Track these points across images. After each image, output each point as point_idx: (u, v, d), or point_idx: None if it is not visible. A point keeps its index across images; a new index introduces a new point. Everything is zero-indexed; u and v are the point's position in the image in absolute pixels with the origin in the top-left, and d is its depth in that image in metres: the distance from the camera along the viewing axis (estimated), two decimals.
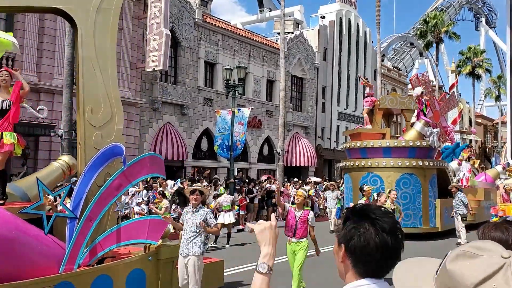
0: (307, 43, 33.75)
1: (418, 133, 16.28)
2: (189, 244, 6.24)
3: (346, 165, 17.03)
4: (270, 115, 30.28)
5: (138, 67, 21.58)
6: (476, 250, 1.10)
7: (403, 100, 17.67)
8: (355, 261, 1.50)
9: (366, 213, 1.53)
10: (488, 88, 60.39)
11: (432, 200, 15.87)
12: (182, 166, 24.19)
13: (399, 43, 64.83)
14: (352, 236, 1.50)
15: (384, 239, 1.47)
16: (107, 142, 6.18)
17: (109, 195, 5.89)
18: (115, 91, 6.48)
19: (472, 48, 50.07)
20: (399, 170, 15.45)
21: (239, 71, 19.15)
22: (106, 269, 5.86)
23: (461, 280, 1.06)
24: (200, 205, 6.43)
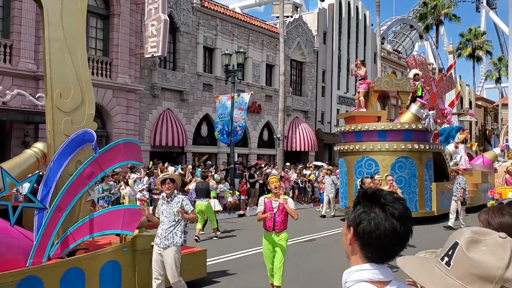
0: (306, 27, 33.51)
1: (414, 115, 15.98)
2: (169, 235, 5.92)
3: (340, 149, 16.75)
4: (269, 100, 30.21)
5: (136, 53, 21.46)
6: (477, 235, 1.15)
7: (398, 82, 17.31)
8: (363, 245, 1.51)
9: (377, 198, 1.53)
10: (489, 70, 60.15)
11: (428, 183, 15.64)
12: (183, 152, 24.23)
13: (399, 25, 64.36)
14: (362, 220, 1.51)
15: (394, 225, 1.47)
16: (78, 128, 5.83)
17: (80, 184, 5.61)
18: (86, 74, 6.12)
19: (473, 30, 49.76)
20: (394, 153, 15.21)
21: (238, 56, 19.06)
22: (77, 262, 5.56)
23: (490, 265, 1.09)
24: (175, 193, 6.15)
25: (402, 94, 17.07)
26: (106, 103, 20.14)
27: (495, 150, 24.00)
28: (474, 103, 56.06)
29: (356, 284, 1.48)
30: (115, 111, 20.48)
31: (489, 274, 1.08)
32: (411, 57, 19.55)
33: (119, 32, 20.70)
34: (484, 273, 1.09)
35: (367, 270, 1.48)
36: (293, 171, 21.88)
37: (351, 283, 1.49)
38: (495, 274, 1.08)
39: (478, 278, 1.10)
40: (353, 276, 1.50)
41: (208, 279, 7.71)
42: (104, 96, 20.03)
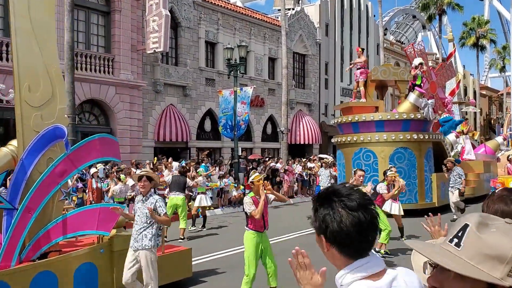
0: (308, 19, 33.35)
1: (412, 105, 15.56)
2: (139, 236, 5.56)
3: (338, 141, 16.35)
4: (272, 93, 30.15)
5: (138, 49, 21.45)
6: (486, 219, 1.16)
7: (396, 71, 16.78)
8: (339, 247, 1.50)
9: (331, 196, 1.53)
10: (493, 59, 59.76)
11: (428, 174, 15.30)
12: (186, 147, 24.26)
13: (401, 16, 63.96)
14: (327, 224, 1.50)
15: (357, 216, 1.47)
16: (48, 124, 5.51)
17: (51, 183, 5.32)
18: (56, 67, 5.82)
19: (476, 19, 49.43)
20: (393, 144, 14.84)
21: (240, 50, 19.01)
22: (49, 265, 5.27)
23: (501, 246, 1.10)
24: (151, 192, 5.77)
25: (400, 84, 16.69)
26: (109, 100, 20.17)
27: (498, 139, 23.61)
28: (479, 92, 55.76)
29: (352, 285, 1.46)
30: (118, 108, 20.51)
31: (501, 255, 1.09)
32: (410, 46, 19.13)
33: (121, 29, 20.68)
34: (496, 254, 1.10)
35: (358, 268, 1.47)
36: (297, 164, 21.87)
37: (346, 286, 1.48)
38: (507, 255, 1.09)
39: (490, 258, 1.10)
40: (346, 278, 1.48)
41: (194, 279, 7.46)
42: (107, 93, 20.06)
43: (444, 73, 20.22)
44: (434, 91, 19.16)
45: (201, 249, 9.88)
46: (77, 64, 18.27)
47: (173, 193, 11.48)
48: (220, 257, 9.38)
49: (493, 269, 1.09)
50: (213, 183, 16.96)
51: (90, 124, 20.33)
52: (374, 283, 1.44)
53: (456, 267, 1.14)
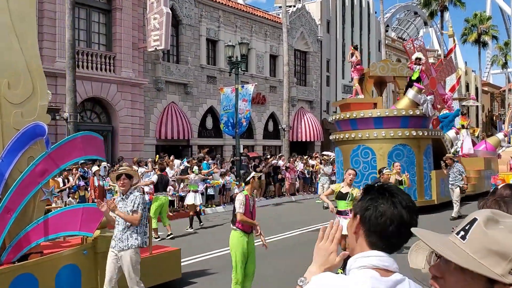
0: (309, 16, 33.28)
1: (411, 101, 15.39)
2: (124, 236, 5.34)
3: (336, 138, 16.18)
4: (274, 90, 30.12)
5: (140, 47, 21.44)
6: (497, 216, 1.15)
7: (394, 66, 16.57)
8: (369, 231, 1.52)
9: (386, 189, 1.57)
10: (495, 55, 59.60)
11: (427, 171, 15.12)
12: (188, 145, 24.27)
13: (403, 12, 63.80)
14: (368, 206, 1.53)
15: (400, 211, 1.50)
16: (29, 122, 5.32)
17: (32, 182, 5.14)
18: (37, 62, 5.60)
19: (478, 15, 49.27)
20: (392, 141, 14.64)
21: (242, 47, 18.99)
22: (29, 267, 5.08)
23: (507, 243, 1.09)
24: (131, 190, 5.55)
25: (399, 79, 16.45)
26: (111, 98, 20.18)
27: (498, 136, 23.31)
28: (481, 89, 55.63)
29: (361, 270, 1.47)
30: (120, 106, 20.52)
31: (505, 251, 1.09)
32: (409, 41, 18.94)
33: (122, 26, 20.67)
34: (500, 250, 1.09)
35: (373, 257, 1.48)
36: (299, 162, 21.87)
37: (355, 269, 1.49)
38: (510, 252, 1.08)
39: (493, 253, 1.10)
40: (357, 262, 1.49)
41: (184, 280, 7.28)
42: (108, 91, 20.06)
43: (444, 69, 20.05)
44: (434, 87, 18.92)
45: (194, 248, 9.70)
46: (78, 62, 18.27)
47: (160, 193, 11.57)
48: (212, 257, 9.17)
49: (495, 265, 1.09)
50: (215, 181, 16.98)
51: (92, 122, 20.35)
52: (380, 277, 1.44)
53: (457, 258, 1.13)
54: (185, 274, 7.51)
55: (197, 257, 9.05)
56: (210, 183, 16.71)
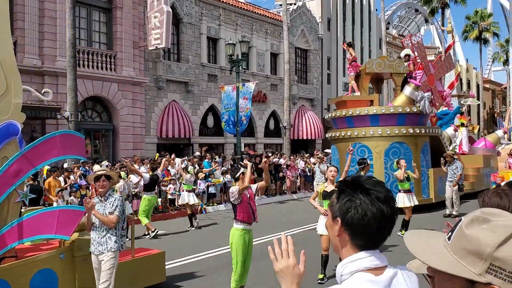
0: (310, 14, 33.24)
1: (408, 98, 15.09)
2: (103, 239, 5.19)
3: (332, 136, 15.97)
4: (275, 88, 30.11)
5: (140, 45, 21.43)
6: (487, 215, 1.13)
7: (391, 63, 16.15)
8: (353, 234, 1.48)
9: (359, 183, 1.51)
10: (496, 52, 59.50)
11: (425, 169, 14.86)
12: (189, 144, 24.28)
13: (404, 10, 63.65)
14: (348, 208, 1.48)
15: (380, 208, 1.46)
16: (2, 120, 5.14)
17: (5, 184, 4.92)
18: (10, 58, 5.37)
19: (479, 12, 49.18)
20: (388, 139, 14.41)
21: (242, 45, 18.97)
22: (1, 272, 4.85)
23: (483, 242, 1.08)
24: (110, 192, 5.39)
25: (396, 76, 16.15)
26: (112, 97, 20.19)
27: (498, 133, 22.94)
28: (482, 86, 55.54)
29: (354, 276, 1.45)
30: (121, 105, 20.53)
31: (479, 251, 1.08)
32: (407, 37, 18.70)
33: (122, 25, 20.67)
34: (475, 249, 1.09)
35: (362, 259, 1.46)
36: (300, 160, 21.88)
37: (347, 276, 1.47)
38: (484, 251, 1.07)
39: (469, 253, 1.10)
40: (348, 267, 1.47)
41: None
42: (109, 89, 20.07)
43: (442, 66, 19.75)
44: (432, 83, 18.72)
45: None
46: (79, 61, 18.27)
47: (151, 193, 11.56)
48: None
49: (473, 265, 1.09)
50: (217, 179, 16.99)
51: (93, 121, 20.36)
52: (375, 277, 1.43)
53: (431, 260, 1.15)
54: (171, 278, 7.27)
55: (185, 259, 8.77)
56: (211, 182, 16.72)
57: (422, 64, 17.63)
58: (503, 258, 1.05)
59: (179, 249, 9.65)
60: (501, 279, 1.05)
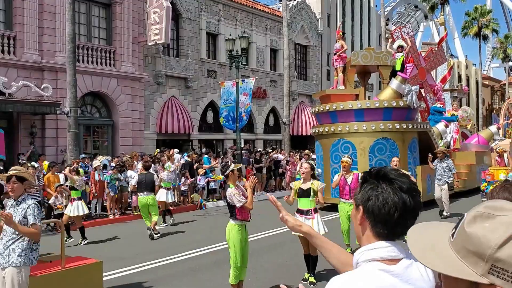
0: (309, 10, 33.18)
1: (395, 91, 14.37)
2: (6, 251, 4.52)
3: (316, 132, 15.17)
4: (274, 84, 30.08)
5: (140, 41, 21.39)
6: (492, 210, 1.10)
7: (378, 55, 15.35)
8: (374, 222, 1.50)
9: (383, 174, 1.54)
10: (495, 48, 59.42)
11: (412, 167, 14.11)
12: (189, 139, 24.27)
13: (403, 6, 63.53)
14: (370, 196, 1.51)
15: (403, 197, 1.47)
16: None
17: None
18: None
19: (479, 8, 49.11)
20: (373, 134, 13.67)
21: (242, 41, 18.95)
22: None
23: (484, 242, 1.05)
24: (24, 196, 4.71)
25: (383, 69, 15.35)
26: (111, 92, 20.16)
27: (491, 128, 22.22)
28: (481, 82, 55.54)
29: (368, 264, 1.47)
30: (120, 100, 20.51)
31: (480, 252, 1.06)
32: (397, 29, 17.96)
33: (122, 21, 20.61)
34: (476, 250, 1.07)
35: (379, 249, 1.47)
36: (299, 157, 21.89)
37: (362, 263, 1.49)
38: (485, 253, 1.05)
39: (471, 253, 1.08)
40: (364, 255, 1.49)
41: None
42: (109, 85, 20.04)
43: (434, 59, 19.17)
44: (424, 77, 18.16)
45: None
46: (78, 57, 18.23)
47: (142, 194, 10.86)
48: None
49: (475, 265, 1.07)
50: (217, 175, 17.03)
51: (92, 117, 20.34)
52: (388, 267, 1.44)
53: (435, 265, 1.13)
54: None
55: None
56: (212, 178, 16.75)
57: (413, 57, 17.11)
58: (504, 259, 1.03)
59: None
60: (504, 280, 1.03)
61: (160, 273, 7.75)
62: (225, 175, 6.20)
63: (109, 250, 9.77)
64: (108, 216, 13.53)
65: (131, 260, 8.65)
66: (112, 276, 7.59)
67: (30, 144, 16.86)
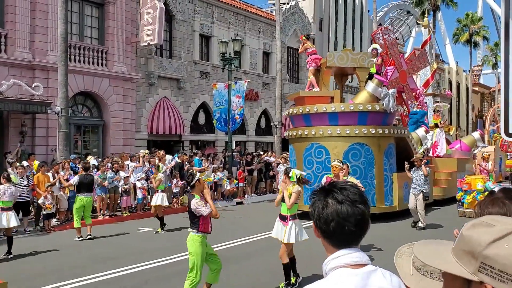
0: (302, 14, 33.33)
1: (371, 95, 13.77)
2: None
3: (289, 135, 14.49)
4: (267, 87, 30.16)
5: (132, 41, 21.34)
6: (491, 221, 1.15)
7: (355, 56, 14.55)
8: (323, 234, 1.60)
9: (328, 187, 1.64)
10: (486, 55, 60.06)
11: (388, 174, 13.40)
12: (180, 141, 24.24)
13: (395, 11, 64.00)
14: (313, 210, 1.62)
15: (338, 208, 1.56)
16: None
17: None
18: None
19: (470, 16, 49.62)
20: (348, 139, 13.01)
21: (235, 43, 19.00)
22: None
23: (476, 242, 1.11)
24: None
25: (360, 71, 14.63)
26: (102, 92, 20.09)
27: (474, 135, 21.09)
28: (471, 88, 56.08)
29: (335, 271, 1.55)
30: (112, 100, 20.44)
31: (472, 250, 1.11)
32: (378, 30, 17.32)
33: (115, 21, 20.56)
34: (469, 249, 1.12)
35: (342, 256, 1.55)
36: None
37: (329, 272, 1.56)
38: (476, 250, 1.10)
39: (465, 253, 1.13)
40: (329, 265, 1.57)
41: None
42: (100, 85, 19.97)
43: (416, 62, 18.53)
44: (405, 81, 17.53)
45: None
46: (70, 56, 18.16)
47: (82, 194, 11.02)
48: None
49: (468, 264, 1.12)
50: (207, 178, 17.02)
51: (83, 117, 20.25)
52: (354, 271, 1.52)
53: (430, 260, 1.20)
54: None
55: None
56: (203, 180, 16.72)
57: (394, 60, 16.63)
58: (492, 256, 1.07)
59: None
60: (491, 277, 1.07)
61: (148, 276, 7.71)
62: (191, 186, 5.98)
63: (98, 250, 9.73)
64: (98, 217, 13.45)
65: (121, 260, 8.62)
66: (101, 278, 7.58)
67: (19, 142, 16.74)
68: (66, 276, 7.60)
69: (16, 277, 7.51)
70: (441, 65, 53.69)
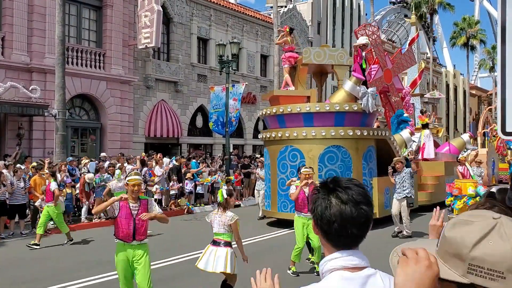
0: (300, 17, 33.40)
1: (348, 94, 12.92)
2: None
3: (264, 137, 13.54)
4: (264, 90, 30.15)
5: (130, 44, 21.35)
6: (469, 217, 1.15)
7: (333, 53, 13.71)
8: (323, 233, 1.54)
9: (331, 184, 1.57)
10: (483, 59, 60.31)
11: (367, 178, 12.54)
12: (178, 144, 24.22)
13: (393, 15, 64.24)
14: (316, 208, 1.55)
15: (342, 209, 1.50)
16: None
17: None
18: None
19: (467, 19, 49.81)
20: (323, 142, 12.13)
21: (233, 46, 19.00)
22: None
23: (460, 244, 1.10)
24: None
25: (338, 68, 13.78)
26: (100, 95, 20.07)
27: (463, 137, 20.35)
28: (468, 92, 56.25)
29: (332, 274, 1.50)
30: (109, 103, 20.42)
31: (459, 253, 1.11)
32: (361, 27, 16.59)
33: (112, 23, 20.57)
34: (455, 252, 1.12)
35: (339, 258, 1.50)
36: None
37: (326, 273, 1.52)
38: (462, 253, 1.10)
39: (452, 256, 1.13)
40: (326, 266, 1.52)
41: None
42: (98, 88, 19.95)
43: (402, 61, 17.62)
44: (389, 80, 16.75)
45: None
46: (68, 59, 18.15)
47: (50, 202, 10.48)
48: None
49: (455, 267, 1.12)
50: (205, 179, 17.07)
51: (80, 119, 20.23)
52: (351, 274, 1.47)
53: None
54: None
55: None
56: (199, 181, 16.74)
57: (378, 58, 15.98)
58: (479, 256, 1.07)
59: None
60: (482, 277, 1.07)
61: None
62: (126, 183, 5.49)
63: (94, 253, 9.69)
64: (93, 219, 13.40)
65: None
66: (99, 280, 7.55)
67: (16, 145, 16.70)
68: (64, 279, 7.57)
69: (11, 281, 7.46)
70: (438, 68, 53.85)
